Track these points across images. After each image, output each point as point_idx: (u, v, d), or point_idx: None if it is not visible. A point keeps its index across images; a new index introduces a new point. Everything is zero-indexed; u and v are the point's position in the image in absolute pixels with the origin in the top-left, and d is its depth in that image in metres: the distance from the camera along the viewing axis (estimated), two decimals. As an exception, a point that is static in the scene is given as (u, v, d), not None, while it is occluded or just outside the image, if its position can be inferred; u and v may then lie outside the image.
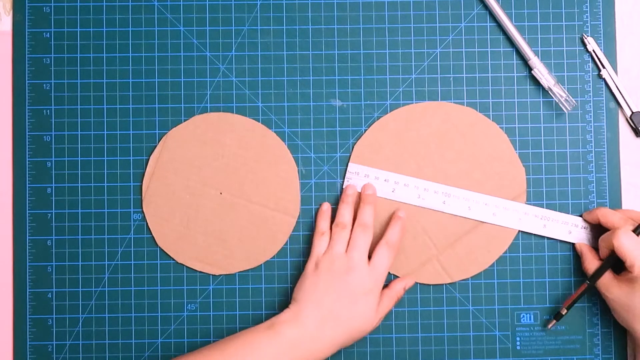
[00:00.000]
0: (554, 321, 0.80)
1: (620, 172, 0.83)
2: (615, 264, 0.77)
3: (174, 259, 0.82)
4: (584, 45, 0.84)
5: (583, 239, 0.82)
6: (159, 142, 0.83)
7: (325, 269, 0.77)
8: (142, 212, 0.82)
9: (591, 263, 0.79)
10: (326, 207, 0.82)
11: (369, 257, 0.78)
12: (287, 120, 0.83)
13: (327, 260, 0.77)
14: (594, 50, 0.83)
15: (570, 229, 0.82)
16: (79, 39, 0.83)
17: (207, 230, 0.82)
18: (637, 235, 0.76)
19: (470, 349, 0.82)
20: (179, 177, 0.82)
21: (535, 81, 0.83)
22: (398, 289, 0.80)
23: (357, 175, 0.82)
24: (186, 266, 0.82)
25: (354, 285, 0.76)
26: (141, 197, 0.82)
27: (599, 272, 0.78)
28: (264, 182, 0.82)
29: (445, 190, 0.82)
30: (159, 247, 0.82)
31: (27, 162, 0.83)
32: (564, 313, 0.79)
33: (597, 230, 0.81)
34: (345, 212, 0.80)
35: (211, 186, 0.82)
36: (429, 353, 0.82)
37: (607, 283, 0.77)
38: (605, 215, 0.79)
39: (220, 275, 0.82)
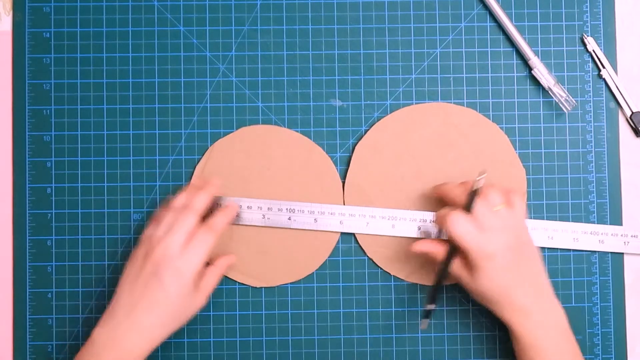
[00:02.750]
0: (426, 320, 0.75)
1: (620, 172, 0.83)
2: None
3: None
4: (584, 45, 0.84)
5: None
6: (199, 149, 0.83)
7: (141, 254, 0.74)
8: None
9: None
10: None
11: None
12: (287, 120, 0.83)
13: (145, 244, 0.74)
14: (594, 50, 0.83)
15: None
16: (79, 39, 0.83)
17: (250, 242, 0.82)
18: (469, 209, 0.73)
19: (470, 349, 0.82)
20: (224, 188, 0.82)
21: (535, 81, 0.83)
22: (221, 264, 0.78)
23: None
24: (228, 277, 0.82)
25: (163, 266, 0.72)
26: None
27: (443, 269, 0.74)
28: (308, 197, 0.82)
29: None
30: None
31: (27, 162, 0.83)
32: (431, 308, 0.75)
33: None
34: (182, 197, 0.77)
35: (256, 198, 0.82)
36: (429, 353, 0.82)
37: (457, 272, 0.74)
38: (447, 190, 0.77)
39: (261, 287, 0.82)
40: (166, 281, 0.72)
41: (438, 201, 0.82)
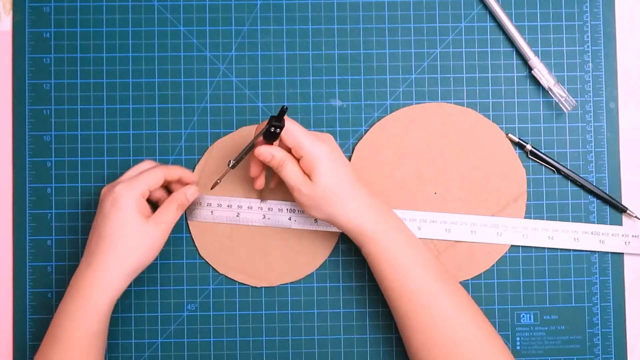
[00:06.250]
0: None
1: (620, 172, 0.83)
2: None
3: (216, 270, 0.82)
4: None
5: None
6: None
7: None
8: (186, 222, 0.82)
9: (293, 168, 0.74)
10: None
11: None
12: (287, 120, 0.83)
13: None
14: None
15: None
16: (79, 39, 0.83)
17: (250, 242, 0.82)
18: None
19: (470, 349, 0.82)
20: (224, 188, 0.82)
21: (535, 81, 0.83)
22: (179, 196, 0.76)
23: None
24: (228, 277, 0.82)
25: (105, 196, 0.75)
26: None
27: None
28: None
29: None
30: (203, 259, 0.82)
31: (27, 162, 0.83)
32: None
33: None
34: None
35: (256, 198, 0.82)
36: (429, 353, 0.82)
37: (301, 182, 0.73)
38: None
39: (261, 287, 0.82)
40: (106, 209, 0.73)
41: (438, 201, 0.82)
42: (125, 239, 0.73)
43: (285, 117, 0.72)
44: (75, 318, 0.72)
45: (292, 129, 0.73)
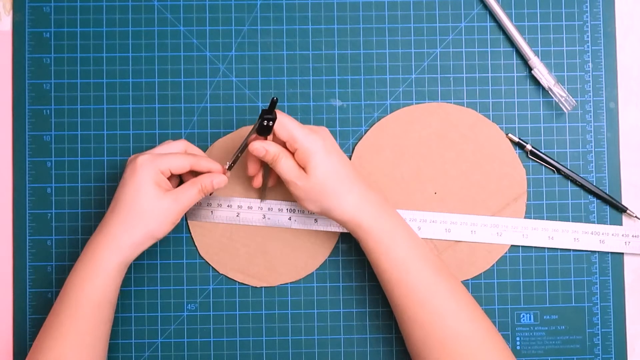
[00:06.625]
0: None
1: (620, 172, 0.84)
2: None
3: (216, 270, 0.82)
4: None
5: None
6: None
7: None
8: (186, 222, 0.82)
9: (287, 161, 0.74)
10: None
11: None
12: (287, 120, 0.83)
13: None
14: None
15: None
16: (79, 39, 0.83)
17: (250, 242, 0.82)
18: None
19: (470, 349, 0.82)
20: (222, 188, 0.82)
21: (535, 81, 0.83)
22: (204, 178, 0.75)
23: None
24: (228, 277, 0.82)
25: (127, 164, 0.75)
26: None
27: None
28: None
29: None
30: (203, 259, 0.82)
31: (27, 162, 0.83)
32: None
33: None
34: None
35: (256, 198, 0.82)
36: (429, 353, 0.82)
37: (296, 175, 0.73)
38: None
39: (261, 287, 0.82)
40: (126, 176, 0.74)
41: (438, 201, 0.82)
42: (138, 207, 0.73)
43: (278, 111, 0.72)
44: (84, 279, 0.73)
45: (284, 122, 0.73)
